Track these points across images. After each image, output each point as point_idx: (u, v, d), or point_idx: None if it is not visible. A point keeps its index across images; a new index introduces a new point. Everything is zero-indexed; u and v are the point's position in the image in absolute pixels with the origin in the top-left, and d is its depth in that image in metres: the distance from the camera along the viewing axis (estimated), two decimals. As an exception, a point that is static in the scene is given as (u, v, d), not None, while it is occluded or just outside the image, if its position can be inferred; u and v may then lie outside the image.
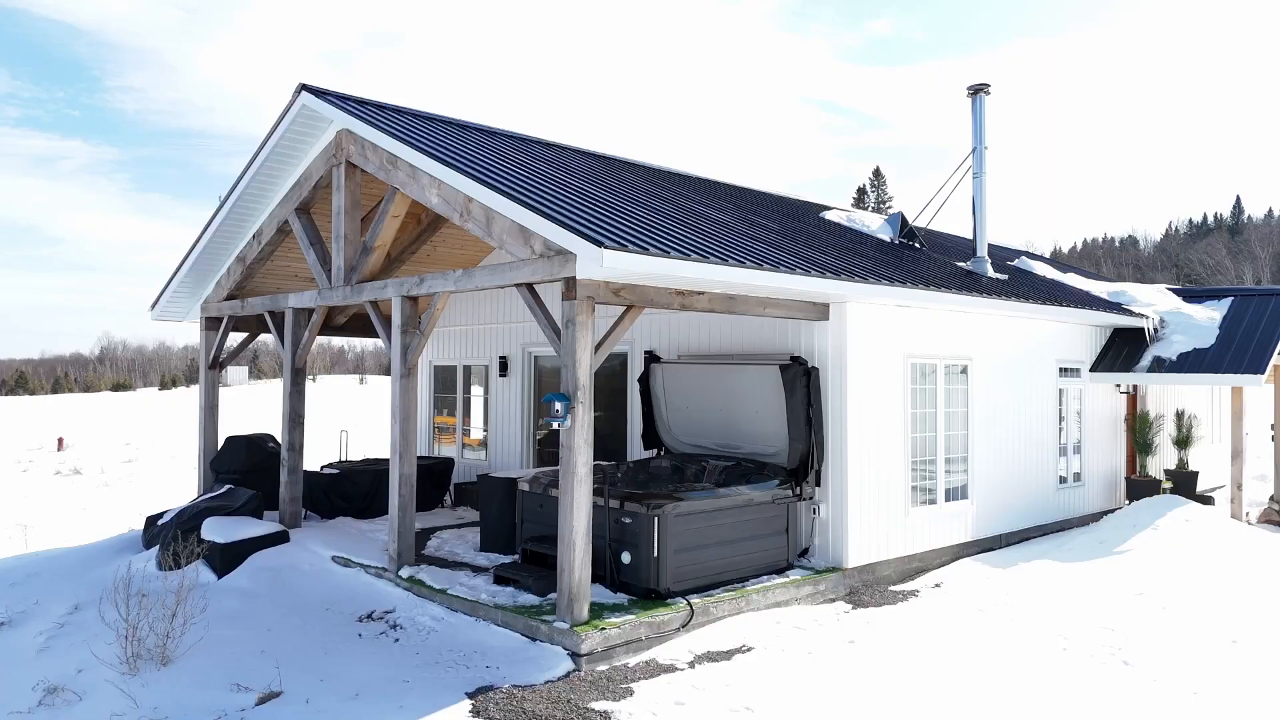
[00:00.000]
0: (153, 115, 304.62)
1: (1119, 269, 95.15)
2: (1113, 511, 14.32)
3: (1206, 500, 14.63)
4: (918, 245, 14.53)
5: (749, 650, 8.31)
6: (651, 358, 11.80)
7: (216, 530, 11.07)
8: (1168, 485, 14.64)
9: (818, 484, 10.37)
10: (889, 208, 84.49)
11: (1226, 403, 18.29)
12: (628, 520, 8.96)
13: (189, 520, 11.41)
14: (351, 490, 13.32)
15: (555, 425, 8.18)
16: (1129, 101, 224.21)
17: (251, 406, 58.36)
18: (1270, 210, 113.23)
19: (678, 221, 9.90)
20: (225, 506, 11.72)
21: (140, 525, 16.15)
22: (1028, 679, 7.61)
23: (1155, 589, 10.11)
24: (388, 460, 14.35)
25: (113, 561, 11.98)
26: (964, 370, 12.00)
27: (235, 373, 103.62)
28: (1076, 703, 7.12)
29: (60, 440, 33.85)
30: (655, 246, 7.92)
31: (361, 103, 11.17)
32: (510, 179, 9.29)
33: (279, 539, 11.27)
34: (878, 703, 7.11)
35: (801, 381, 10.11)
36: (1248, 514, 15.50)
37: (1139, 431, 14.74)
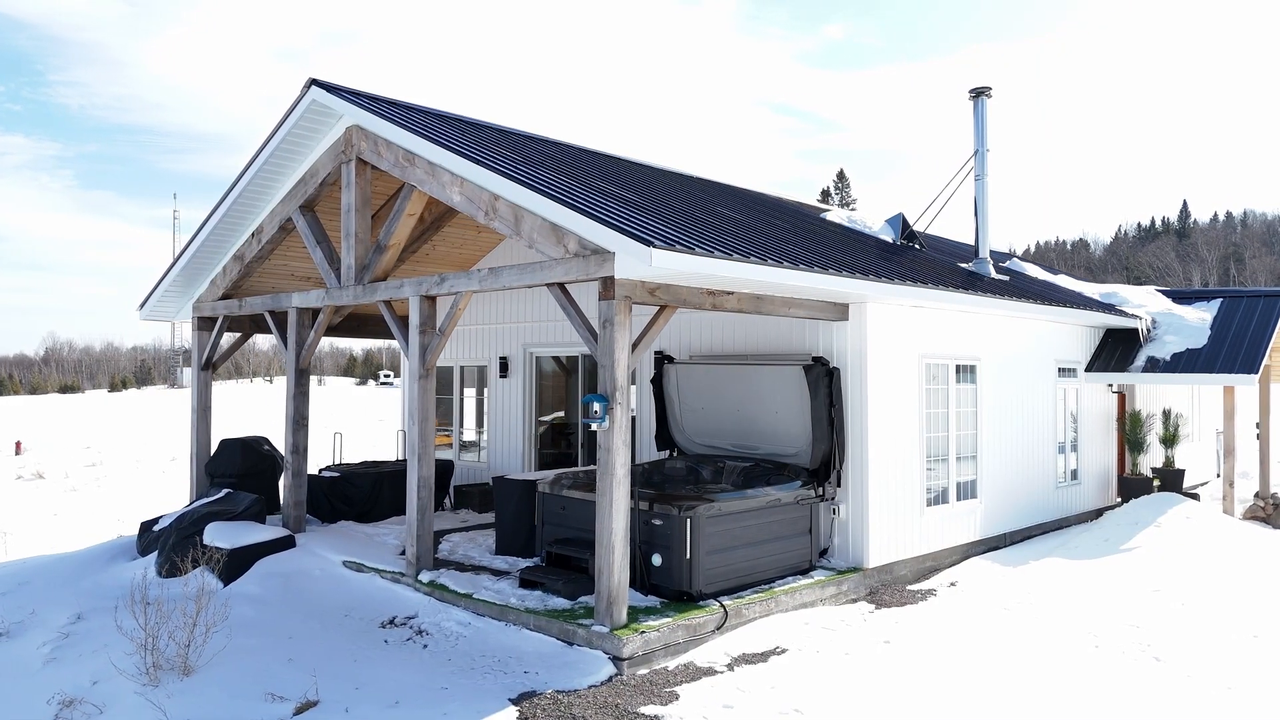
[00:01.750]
0: (98, 111, 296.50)
1: (1071, 271, 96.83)
2: (1108, 509, 14.54)
3: (1192, 497, 14.90)
4: (918, 247, 14.62)
5: (784, 652, 8.27)
6: (665, 358, 11.71)
7: (220, 536, 10.78)
8: (1156, 483, 14.90)
9: (839, 484, 10.36)
10: (853, 209, 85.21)
11: (1208, 402, 18.69)
12: (658, 522, 8.87)
13: (189, 526, 11.09)
14: (352, 493, 13.04)
15: (594, 426, 8.07)
16: (1079, 106, 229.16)
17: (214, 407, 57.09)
18: (1215, 214, 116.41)
19: (702, 221, 9.82)
20: (227, 511, 11.41)
21: (119, 530, 15.77)
22: (1068, 677, 7.66)
23: (1170, 585, 10.26)
24: (387, 463, 14.14)
25: (106, 568, 11.60)
26: (972, 370, 12.09)
27: (191, 374, 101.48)
28: (1120, 700, 7.18)
29: (19, 444, 32.80)
30: (700, 246, 7.84)
31: (374, 99, 10.94)
32: (540, 177, 9.15)
33: (285, 544, 11.01)
34: (925, 703, 7.10)
35: (824, 382, 10.10)
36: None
37: (1131, 430, 14.97)
